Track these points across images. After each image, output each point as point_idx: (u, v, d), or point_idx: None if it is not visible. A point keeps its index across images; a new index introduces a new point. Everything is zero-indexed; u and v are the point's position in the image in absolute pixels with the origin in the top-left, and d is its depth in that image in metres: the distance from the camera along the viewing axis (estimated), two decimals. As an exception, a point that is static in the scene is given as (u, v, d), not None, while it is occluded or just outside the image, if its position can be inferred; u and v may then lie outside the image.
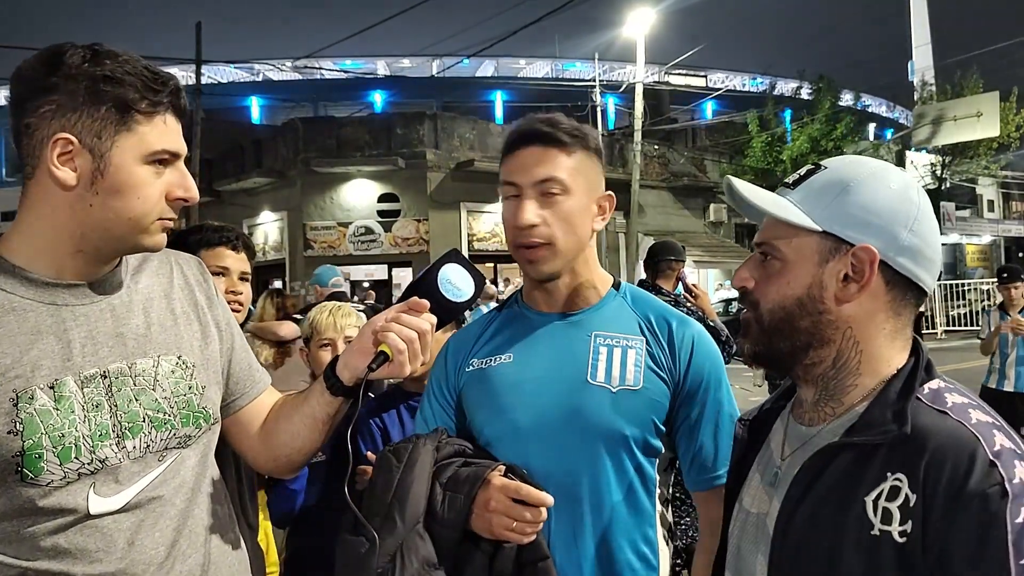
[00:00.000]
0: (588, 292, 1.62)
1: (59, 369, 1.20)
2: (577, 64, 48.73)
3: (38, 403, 1.17)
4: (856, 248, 1.06)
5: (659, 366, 1.56)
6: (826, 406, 1.13)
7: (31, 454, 1.15)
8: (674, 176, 24.65)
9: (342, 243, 20.17)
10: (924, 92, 27.74)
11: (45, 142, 1.19)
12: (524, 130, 1.56)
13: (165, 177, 1.27)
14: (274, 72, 40.88)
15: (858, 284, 1.06)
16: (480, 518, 1.41)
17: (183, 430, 1.32)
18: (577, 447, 1.51)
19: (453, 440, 1.57)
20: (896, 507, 0.95)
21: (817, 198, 1.10)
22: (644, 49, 20.89)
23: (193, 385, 1.36)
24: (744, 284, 1.16)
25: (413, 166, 19.92)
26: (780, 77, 28.89)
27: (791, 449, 1.16)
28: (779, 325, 1.11)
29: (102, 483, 1.21)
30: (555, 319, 1.62)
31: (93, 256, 1.27)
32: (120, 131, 1.21)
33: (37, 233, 1.24)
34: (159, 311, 1.36)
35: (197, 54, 19.54)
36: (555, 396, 1.53)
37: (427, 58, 42.73)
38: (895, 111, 50.79)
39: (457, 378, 1.67)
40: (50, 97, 1.18)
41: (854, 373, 1.10)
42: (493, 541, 1.42)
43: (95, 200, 1.22)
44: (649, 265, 4.91)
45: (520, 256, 1.56)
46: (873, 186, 1.08)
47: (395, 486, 1.47)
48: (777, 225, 1.12)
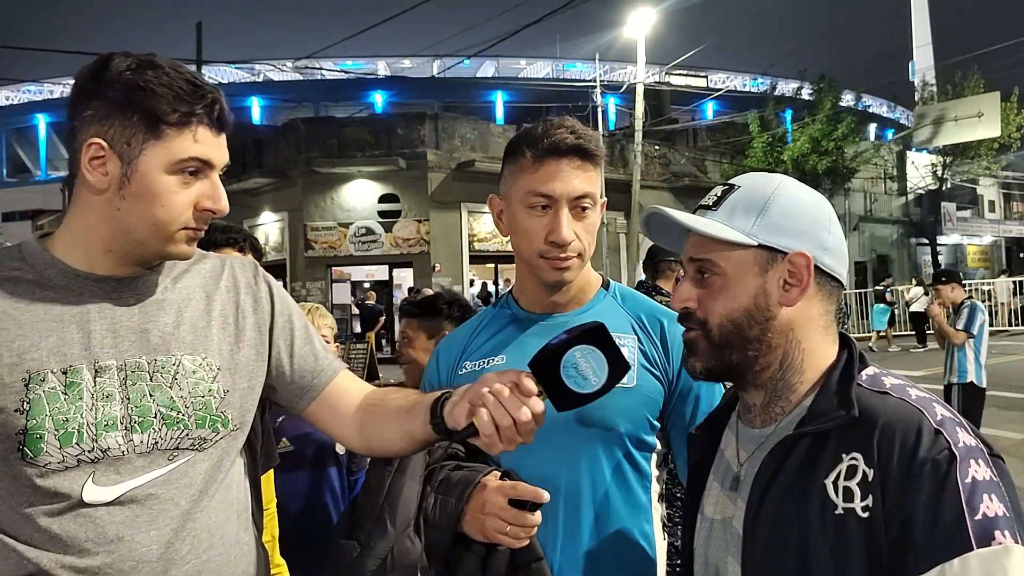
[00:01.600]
0: (579, 292, 1.63)
1: (75, 357, 1.24)
2: (578, 64, 48.80)
3: (47, 385, 1.21)
4: (792, 255, 1.14)
5: (652, 364, 1.57)
6: (776, 406, 1.19)
7: (33, 434, 1.19)
8: (675, 176, 24.67)
9: (343, 243, 20.20)
10: (925, 92, 27.76)
11: (81, 146, 1.25)
12: (561, 141, 1.52)
13: (195, 187, 1.29)
14: (275, 72, 40.94)
15: (799, 288, 1.14)
16: (474, 521, 1.41)
17: (197, 431, 1.32)
18: (572, 445, 1.51)
19: (445, 443, 1.56)
20: (856, 484, 1.01)
21: (743, 215, 1.17)
22: (645, 49, 20.89)
23: (214, 388, 1.35)
24: (687, 304, 1.21)
25: (414, 166, 19.96)
26: (781, 77, 28.90)
27: (747, 453, 1.21)
28: (729, 338, 1.17)
29: (102, 473, 1.23)
30: (547, 320, 1.62)
31: (122, 257, 1.31)
32: (149, 140, 1.24)
33: (75, 229, 1.30)
34: (194, 312, 1.37)
35: (198, 54, 19.57)
36: None
37: (428, 58, 42.77)
38: (896, 111, 50.80)
39: (450, 381, 1.66)
40: (92, 102, 1.24)
41: (799, 371, 1.17)
42: (486, 544, 1.42)
43: (122, 205, 1.26)
44: (649, 266, 4.92)
45: (546, 265, 1.55)
46: (789, 197, 1.18)
47: (386, 490, 1.47)
48: (709, 242, 1.18)
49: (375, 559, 1.42)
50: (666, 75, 30.97)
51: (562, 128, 1.53)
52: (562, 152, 1.51)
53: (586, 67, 44.52)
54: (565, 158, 1.52)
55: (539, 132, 1.54)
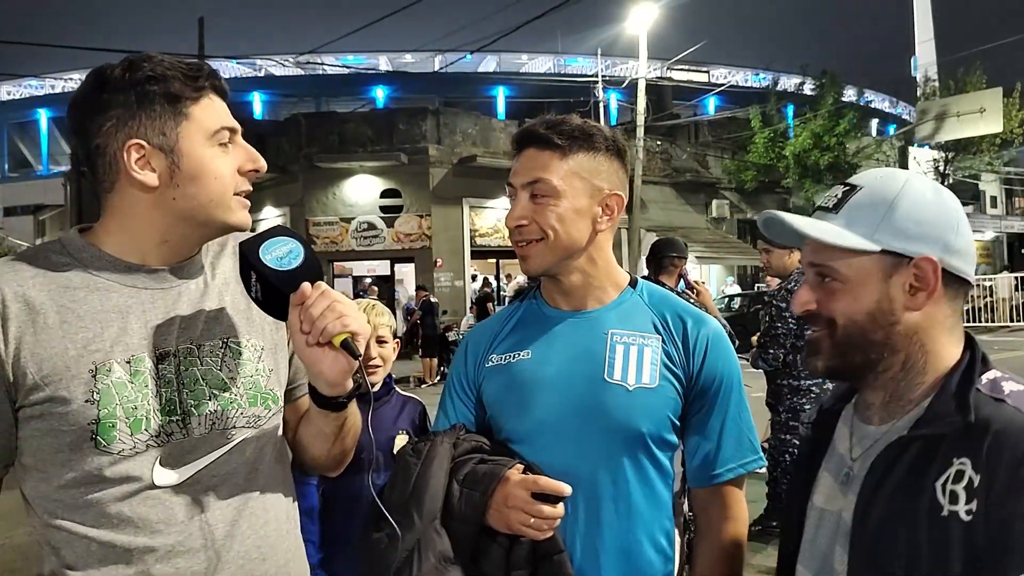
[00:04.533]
0: (603, 290, 1.63)
1: (136, 346, 1.28)
2: (579, 59, 48.64)
3: (115, 375, 1.25)
4: (917, 260, 1.12)
5: (674, 364, 1.57)
6: (895, 405, 1.18)
7: (105, 423, 1.23)
8: (676, 172, 24.66)
9: (344, 239, 20.21)
10: (927, 88, 27.69)
11: (119, 154, 1.27)
12: (523, 132, 1.61)
13: (232, 154, 1.36)
14: (276, 68, 40.85)
15: (925, 293, 1.13)
16: (498, 513, 1.43)
17: (251, 410, 1.37)
18: (595, 443, 1.52)
19: (471, 437, 1.59)
20: (962, 488, 1.02)
21: (865, 218, 1.15)
22: (647, 44, 20.85)
23: (261, 368, 1.40)
24: (807, 307, 1.21)
25: (415, 161, 19.95)
26: (783, 72, 28.83)
27: (861, 449, 1.21)
28: (853, 340, 1.17)
29: (168, 456, 1.28)
30: (572, 316, 1.63)
31: (178, 245, 1.36)
32: (180, 121, 1.29)
33: (126, 228, 1.33)
34: (233, 294, 1.42)
35: (200, 49, 19.55)
36: (573, 393, 1.54)
37: (429, 54, 42.68)
38: (898, 107, 50.70)
39: (477, 373, 1.69)
40: (107, 114, 1.27)
41: (920, 372, 1.16)
42: (509, 536, 1.44)
43: (177, 193, 1.30)
44: (652, 261, 4.94)
45: (517, 253, 1.61)
46: (914, 198, 1.14)
47: (413, 483, 1.49)
48: (828, 248, 1.16)
49: (402, 551, 1.44)
50: (668, 70, 30.90)
51: (539, 121, 1.60)
52: (523, 141, 1.60)
53: (587, 62, 44.37)
54: (526, 147, 1.58)
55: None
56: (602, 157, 1.58)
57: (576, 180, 1.55)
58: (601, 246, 1.62)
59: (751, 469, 1.60)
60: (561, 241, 1.55)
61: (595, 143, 1.57)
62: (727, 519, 1.59)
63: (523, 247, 1.58)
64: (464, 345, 1.77)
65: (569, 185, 1.54)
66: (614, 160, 1.60)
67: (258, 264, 1.28)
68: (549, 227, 1.54)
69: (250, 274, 1.30)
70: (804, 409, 4.49)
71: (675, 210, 24.38)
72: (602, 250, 1.63)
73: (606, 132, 1.61)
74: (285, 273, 1.28)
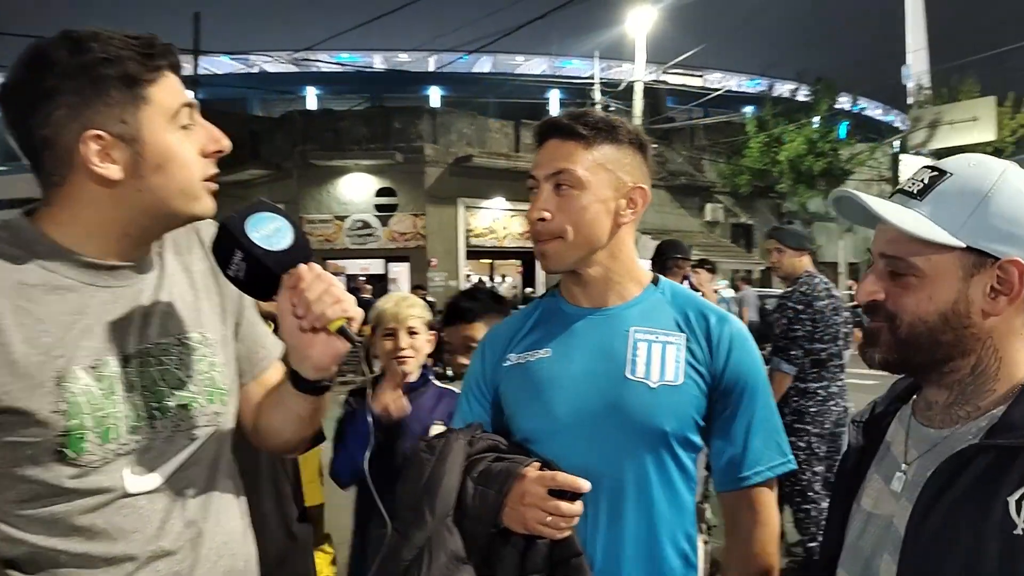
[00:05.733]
0: (624, 287, 1.60)
1: (99, 349, 1.20)
2: (574, 61, 48.67)
3: (82, 383, 1.16)
4: (1003, 261, 1.03)
5: (698, 362, 1.54)
6: (960, 409, 1.10)
7: (75, 435, 1.14)
8: (671, 175, 24.66)
9: (339, 237, 20.14)
10: (920, 96, 27.81)
11: (74, 146, 1.15)
12: (546, 123, 1.57)
13: (194, 135, 1.25)
14: (271, 64, 40.73)
15: (1008, 297, 1.03)
16: (514, 512, 1.40)
17: (210, 408, 1.32)
18: (617, 442, 1.49)
19: (487, 435, 1.56)
20: None
21: (953, 210, 1.05)
22: (645, 48, 20.86)
23: (215, 362, 1.35)
24: (873, 297, 1.11)
25: (411, 160, 19.90)
26: (777, 79, 28.91)
27: (917, 452, 1.13)
28: (919, 339, 1.08)
29: (137, 463, 1.22)
30: (592, 314, 1.60)
31: (138, 238, 1.27)
32: (140, 106, 1.18)
33: (79, 222, 1.22)
34: (181, 287, 1.35)
35: (195, 44, 19.47)
36: (594, 391, 1.51)
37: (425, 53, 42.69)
38: (890, 114, 50.91)
39: (495, 373, 1.66)
40: (56, 100, 1.14)
41: (992, 379, 1.07)
42: (525, 537, 1.41)
43: (142, 184, 1.20)
44: (657, 262, 4.98)
45: (535, 249, 1.57)
46: (1010, 192, 1.04)
47: (426, 479, 1.46)
48: (908, 239, 1.06)
49: (412, 548, 1.41)
50: (663, 74, 30.92)
51: (564, 113, 1.57)
52: (546, 132, 1.56)
53: (582, 64, 44.41)
54: (549, 138, 1.55)
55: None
56: (626, 149, 1.56)
57: (601, 171, 1.52)
58: (623, 241, 1.59)
59: (780, 472, 1.56)
60: (583, 237, 1.52)
61: (619, 135, 1.55)
62: (757, 524, 1.54)
63: (541, 244, 1.54)
64: (483, 345, 1.74)
65: (594, 176, 1.51)
66: (637, 153, 1.59)
67: (246, 242, 1.19)
68: (573, 223, 1.51)
69: (232, 252, 1.20)
70: (809, 411, 4.49)
71: (669, 213, 24.38)
72: (624, 245, 1.60)
73: (629, 126, 1.59)
74: (278, 253, 1.21)
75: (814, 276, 4.57)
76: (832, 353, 4.47)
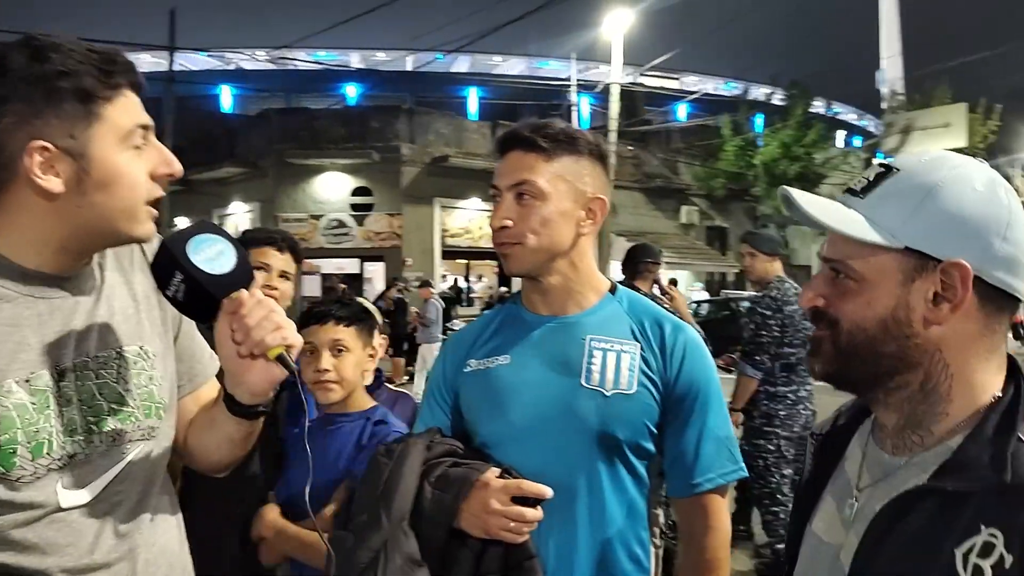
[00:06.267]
0: (582, 295, 1.62)
1: (34, 363, 1.16)
2: (551, 62, 48.77)
3: (15, 397, 1.13)
4: (945, 264, 0.93)
5: (651, 371, 1.56)
6: (912, 434, 1.00)
7: (6, 449, 1.11)
8: (647, 177, 24.82)
9: (314, 236, 20.04)
10: (893, 101, 28.18)
11: (18, 155, 1.12)
12: (507, 135, 1.60)
13: (145, 156, 1.22)
14: (248, 61, 40.46)
15: (951, 304, 0.93)
16: (475, 518, 1.42)
17: (146, 422, 1.30)
18: (572, 449, 1.51)
19: (445, 440, 1.57)
20: (989, 566, 0.84)
21: (894, 208, 0.96)
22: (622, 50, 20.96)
23: (154, 376, 1.32)
24: (814, 303, 1.03)
25: (387, 160, 19.88)
26: (753, 83, 29.16)
27: (871, 478, 1.05)
28: (859, 349, 0.99)
29: (70, 477, 1.19)
30: (550, 322, 1.62)
31: (78, 252, 1.24)
32: (91, 122, 1.15)
33: (16, 229, 1.18)
34: (121, 299, 1.32)
35: (171, 41, 19.29)
36: (550, 399, 1.53)
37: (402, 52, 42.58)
38: (864, 119, 51.48)
39: (455, 378, 1.67)
40: (5, 108, 1.11)
41: (944, 400, 0.97)
42: (481, 540, 1.43)
43: (83, 201, 1.17)
44: (628, 266, 5.00)
45: (498, 253, 1.60)
46: (956, 190, 0.94)
47: (383, 483, 1.47)
48: (847, 241, 0.98)
49: (368, 551, 1.42)
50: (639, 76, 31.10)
51: (523, 124, 1.60)
52: (508, 144, 1.59)
53: (560, 65, 44.52)
54: (510, 150, 1.58)
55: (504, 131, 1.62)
56: (585, 161, 1.58)
57: (561, 183, 1.55)
58: (583, 250, 1.61)
59: (731, 480, 1.58)
60: (543, 244, 1.55)
61: (579, 147, 1.57)
62: (709, 529, 1.57)
63: (502, 247, 1.57)
64: (444, 350, 1.76)
65: (554, 187, 1.54)
66: (597, 164, 1.61)
67: (187, 265, 1.17)
68: (533, 231, 1.53)
69: (172, 273, 1.18)
70: (779, 415, 4.54)
71: (645, 215, 24.53)
72: (584, 255, 1.62)
73: (589, 137, 1.62)
74: (218, 277, 1.19)
75: (784, 281, 4.63)
76: (801, 357, 4.52)
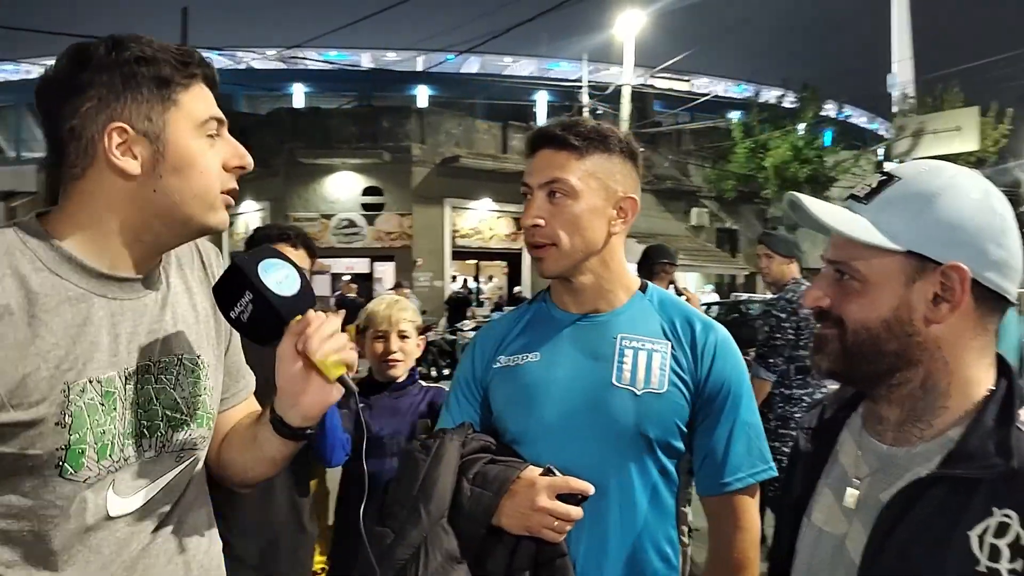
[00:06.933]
0: (613, 294, 1.63)
1: (106, 364, 1.18)
2: (562, 64, 48.72)
3: (87, 397, 1.14)
4: (945, 267, 1.00)
5: (682, 370, 1.57)
6: (913, 427, 1.07)
7: (76, 449, 1.13)
8: (657, 179, 24.75)
9: (324, 235, 20.07)
10: (904, 105, 28.04)
11: (98, 137, 1.16)
12: (538, 133, 1.61)
13: (218, 148, 1.25)
14: (259, 61, 40.55)
15: (950, 304, 1.01)
16: (519, 515, 1.43)
17: (197, 431, 1.31)
18: (602, 447, 1.52)
19: (479, 436, 1.59)
20: (1006, 544, 0.91)
21: (896, 214, 1.03)
22: (633, 52, 20.93)
23: (207, 386, 1.34)
24: (819, 303, 1.10)
25: (398, 160, 19.89)
26: (764, 85, 29.07)
27: (870, 468, 1.11)
28: (863, 348, 1.06)
29: (121, 482, 1.19)
30: (581, 319, 1.63)
31: (151, 246, 1.25)
32: (168, 107, 1.19)
33: (93, 225, 1.20)
34: (183, 307, 1.34)
35: (183, 40, 19.36)
36: (581, 396, 1.54)
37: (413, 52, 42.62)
38: (875, 122, 51.26)
39: (484, 374, 1.69)
40: (88, 94, 1.15)
41: (944, 395, 1.05)
42: (515, 537, 1.44)
43: (158, 185, 1.19)
44: (644, 266, 4.98)
45: (531, 255, 1.60)
46: (955, 198, 1.02)
47: (421, 479, 1.48)
48: (852, 244, 1.05)
49: (408, 547, 1.43)
50: (650, 78, 31.03)
51: (555, 122, 1.61)
52: (539, 142, 1.59)
53: (570, 66, 44.46)
54: (542, 148, 1.58)
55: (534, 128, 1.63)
56: (617, 159, 1.59)
57: (592, 181, 1.56)
58: (614, 249, 1.62)
59: (761, 479, 1.58)
60: (576, 244, 1.55)
61: (610, 145, 1.58)
62: (738, 529, 1.57)
63: (536, 250, 1.58)
64: (472, 346, 1.77)
65: (586, 185, 1.55)
66: (628, 162, 1.61)
67: (259, 285, 1.20)
68: (565, 229, 1.54)
69: (242, 293, 1.21)
70: (794, 417, 4.53)
71: (655, 217, 24.46)
72: (615, 253, 1.63)
73: (620, 135, 1.62)
74: (288, 299, 1.22)
75: (800, 283, 4.61)
76: (816, 360, 4.51)
